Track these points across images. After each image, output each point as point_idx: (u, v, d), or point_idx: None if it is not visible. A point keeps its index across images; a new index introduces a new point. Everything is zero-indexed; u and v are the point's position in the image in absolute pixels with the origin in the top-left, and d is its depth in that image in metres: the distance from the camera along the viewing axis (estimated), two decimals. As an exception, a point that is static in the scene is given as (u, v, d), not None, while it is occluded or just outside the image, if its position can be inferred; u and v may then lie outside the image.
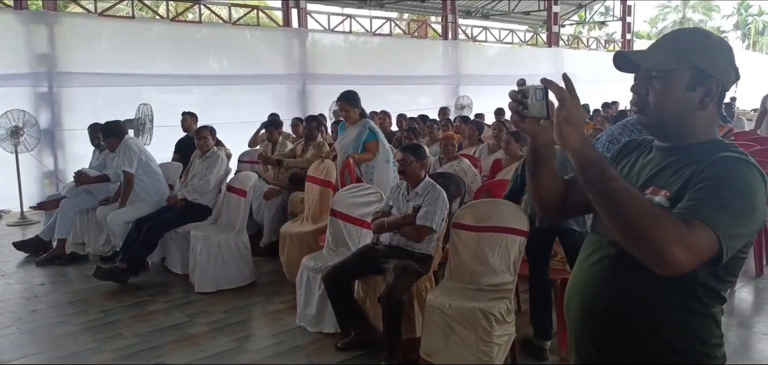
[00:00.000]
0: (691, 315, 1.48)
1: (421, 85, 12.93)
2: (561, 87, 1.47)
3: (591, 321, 1.62)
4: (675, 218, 1.30)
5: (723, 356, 1.53)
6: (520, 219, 3.70)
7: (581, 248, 1.73)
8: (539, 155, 1.63)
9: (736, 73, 1.52)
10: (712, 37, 1.54)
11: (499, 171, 5.76)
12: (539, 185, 1.69)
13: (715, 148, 1.45)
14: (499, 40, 15.62)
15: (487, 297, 3.59)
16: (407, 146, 4.25)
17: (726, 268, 1.40)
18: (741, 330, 4.38)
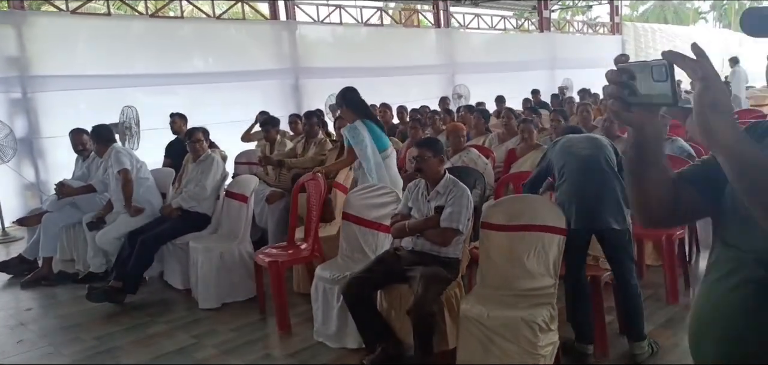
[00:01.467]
0: None
1: (416, 76, 12.56)
2: (699, 61, 1.10)
3: (734, 359, 1.28)
4: None
5: None
6: (557, 216, 3.37)
7: (710, 265, 1.38)
8: (648, 153, 1.26)
9: None
10: None
11: (515, 161, 5.44)
12: (646, 190, 1.31)
13: None
14: (491, 26, 15.29)
15: (527, 304, 3.25)
16: (423, 141, 3.89)
17: None
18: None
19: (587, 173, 3.48)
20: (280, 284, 4.15)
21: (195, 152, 5.15)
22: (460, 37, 13.97)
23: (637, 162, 1.28)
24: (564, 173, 3.53)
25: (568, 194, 3.45)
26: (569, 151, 3.58)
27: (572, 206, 3.40)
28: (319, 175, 4.55)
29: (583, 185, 3.44)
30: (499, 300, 3.32)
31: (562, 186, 3.52)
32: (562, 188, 3.51)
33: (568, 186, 3.48)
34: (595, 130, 6.30)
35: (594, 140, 3.72)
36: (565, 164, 3.54)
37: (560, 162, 3.58)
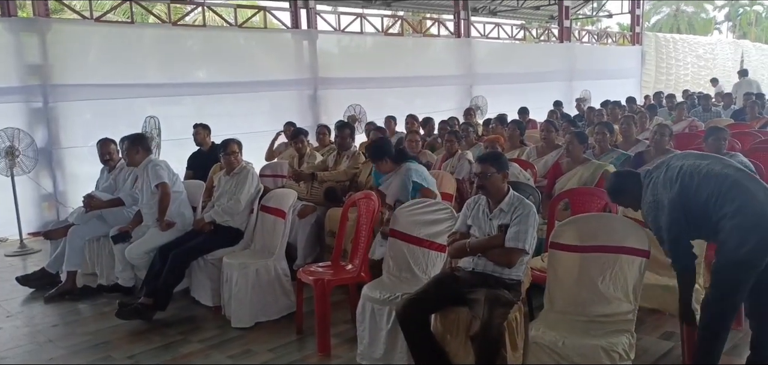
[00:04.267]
0: None
1: (433, 87, 12.33)
2: None
3: None
4: None
5: None
6: (639, 237, 3.13)
7: None
8: None
9: None
10: None
11: (560, 176, 5.20)
12: None
13: None
14: (511, 36, 15.09)
15: (603, 330, 3.03)
16: (486, 156, 3.66)
17: None
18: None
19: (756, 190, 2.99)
20: (325, 303, 3.92)
21: (229, 165, 4.92)
22: (477, 48, 13.75)
23: None
24: (724, 202, 2.97)
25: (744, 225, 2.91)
26: (714, 173, 3.05)
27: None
28: (373, 193, 4.32)
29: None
30: (571, 326, 3.10)
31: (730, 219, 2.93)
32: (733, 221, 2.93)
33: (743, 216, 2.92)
34: (638, 144, 6.09)
35: (712, 156, 3.34)
36: (722, 191, 2.98)
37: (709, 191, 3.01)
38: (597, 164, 5.10)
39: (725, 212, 2.91)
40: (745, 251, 2.86)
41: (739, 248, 2.88)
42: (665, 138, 5.37)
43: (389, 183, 4.76)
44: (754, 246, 2.86)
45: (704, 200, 2.98)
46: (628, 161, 5.51)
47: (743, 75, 14.74)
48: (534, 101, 11.51)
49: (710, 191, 2.97)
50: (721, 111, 10.33)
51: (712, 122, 7.94)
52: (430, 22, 14.05)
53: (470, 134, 6.77)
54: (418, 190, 4.63)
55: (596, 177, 4.96)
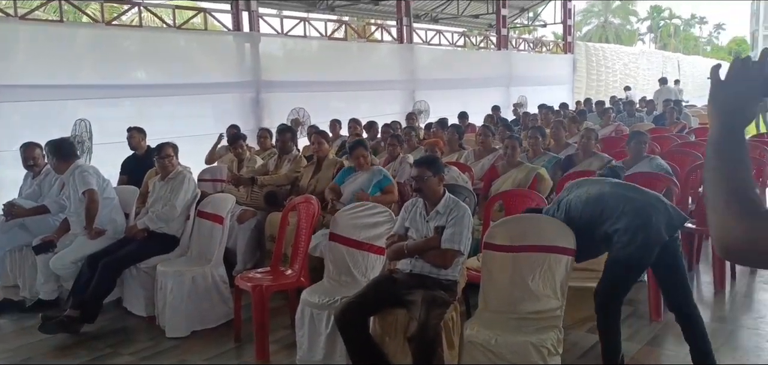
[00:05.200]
0: None
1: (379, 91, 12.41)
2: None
3: None
4: None
5: None
6: (565, 236, 3.24)
7: None
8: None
9: None
10: None
11: (496, 178, 5.33)
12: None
13: None
14: (452, 43, 15.34)
15: (533, 327, 3.12)
16: (422, 160, 3.71)
17: None
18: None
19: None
20: (263, 309, 3.87)
21: (164, 169, 4.81)
22: (420, 53, 13.93)
23: (739, 141, 1.12)
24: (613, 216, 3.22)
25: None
26: (594, 196, 3.33)
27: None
28: (313, 196, 4.32)
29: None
30: (505, 324, 3.17)
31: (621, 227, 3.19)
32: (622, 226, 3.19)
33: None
34: (568, 147, 6.30)
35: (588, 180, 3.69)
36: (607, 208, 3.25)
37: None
38: (530, 166, 5.25)
39: (616, 227, 3.17)
40: (635, 248, 3.13)
41: (628, 245, 3.13)
42: (592, 142, 5.61)
43: (354, 178, 4.89)
44: (641, 244, 3.13)
45: (593, 223, 3.24)
46: (558, 163, 5.71)
47: (663, 83, 15.53)
48: (474, 106, 11.74)
49: (596, 213, 3.24)
50: (644, 116, 10.87)
51: (636, 127, 8.34)
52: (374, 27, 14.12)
53: (412, 137, 6.83)
54: (383, 188, 4.84)
55: (529, 179, 5.11)
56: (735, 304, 4.72)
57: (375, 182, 4.89)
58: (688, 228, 4.94)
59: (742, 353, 3.82)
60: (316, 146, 5.52)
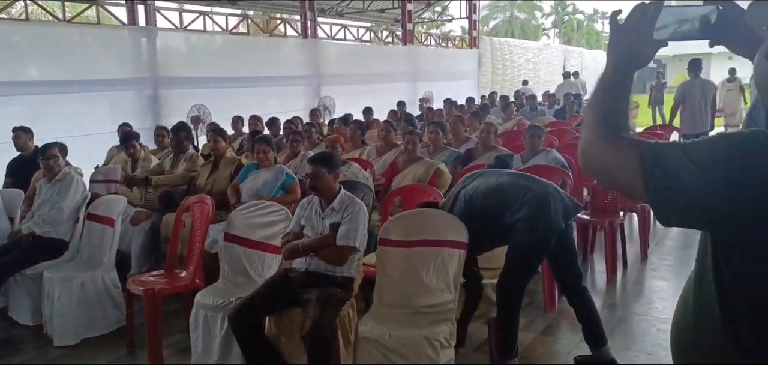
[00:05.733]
0: None
1: (282, 87, 12.25)
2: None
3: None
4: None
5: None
6: (458, 230, 3.35)
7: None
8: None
9: None
10: None
11: (397, 174, 5.42)
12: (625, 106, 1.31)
13: None
14: (357, 38, 15.39)
15: (427, 321, 3.21)
16: (317, 157, 3.72)
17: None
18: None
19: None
20: (156, 314, 3.76)
21: (50, 171, 4.56)
22: (325, 48, 13.90)
23: (626, 84, 1.22)
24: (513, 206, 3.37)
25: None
26: (492, 187, 3.46)
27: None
28: (207, 196, 4.22)
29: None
30: (399, 319, 3.25)
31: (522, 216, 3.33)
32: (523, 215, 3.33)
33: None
34: (469, 142, 6.50)
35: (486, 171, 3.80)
36: (508, 198, 3.39)
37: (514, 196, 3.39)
38: (430, 162, 5.38)
39: (517, 217, 3.31)
40: (536, 236, 3.29)
41: (530, 233, 3.29)
42: (491, 136, 5.81)
43: (256, 176, 4.81)
44: (542, 232, 3.31)
45: (494, 213, 3.36)
46: (459, 158, 5.88)
47: (566, 77, 16.29)
48: (380, 101, 11.83)
49: (496, 204, 3.37)
50: (545, 110, 11.34)
51: (537, 121, 8.68)
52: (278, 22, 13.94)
53: (313, 134, 6.82)
54: (286, 186, 4.79)
55: (429, 174, 5.23)
56: (626, 291, 5.01)
57: (279, 182, 4.81)
58: (582, 219, 5.21)
59: (632, 337, 4.07)
60: (213, 144, 5.40)
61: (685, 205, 1.02)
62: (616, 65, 1.20)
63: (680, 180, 1.01)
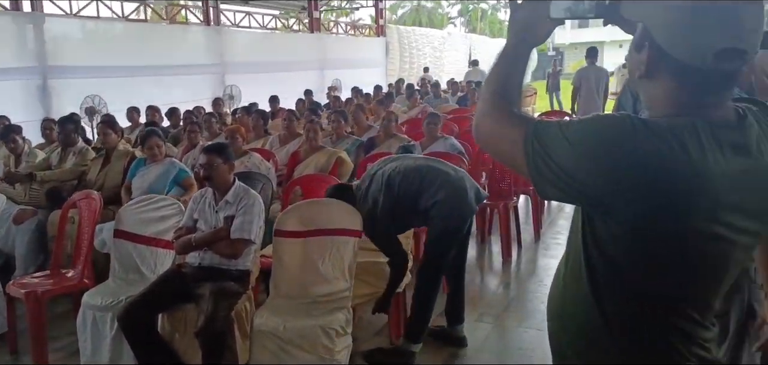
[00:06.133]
0: None
1: (184, 76, 11.82)
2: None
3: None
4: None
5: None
6: (353, 218, 3.38)
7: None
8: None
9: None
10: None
11: (299, 163, 5.38)
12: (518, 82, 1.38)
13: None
14: (263, 26, 15.09)
15: (323, 310, 3.22)
16: (211, 147, 3.63)
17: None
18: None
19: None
20: (40, 317, 3.55)
21: None
22: (230, 36, 13.55)
23: (522, 61, 1.28)
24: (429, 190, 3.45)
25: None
26: (410, 169, 3.51)
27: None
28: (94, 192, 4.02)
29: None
30: (295, 310, 3.24)
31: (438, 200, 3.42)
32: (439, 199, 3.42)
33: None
34: (371, 130, 6.55)
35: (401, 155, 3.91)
36: (425, 182, 3.46)
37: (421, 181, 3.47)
38: (331, 150, 5.38)
39: (436, 200, 3.40)
40: (455, 218, 3.42)
41: (448, 219, 3.39)
42: (392, 124, 5.89)
43: (146, 172, 4.63)
44: (458, 215, 3.43)
45: (412, 194, 3.42)
46: (361, 146, 5.91)
47: (474, 65, 16.73)
48: (288, 90, 11.70)
49: (414, 185, 3.43)
50: (449, 98, 11.60)
51: (440, 108, 8.87)
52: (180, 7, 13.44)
53: (213, 124, 6.65)
54: (181, 181, 4.59)
55: (331, 163, 5.23)
56: (520, 271, 5.23)
57: (171, 177, 4.63)
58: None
59: (524, 313, 4.25)
60: (102, 136, 5.16)
61: (559, 179, 1.09)
62: (513, 42, 1.26)
63: (556, 156, 1.08)
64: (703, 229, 1.07)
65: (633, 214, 1.06)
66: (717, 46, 1.03)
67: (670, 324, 1.15)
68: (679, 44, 1.06)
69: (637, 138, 1.03)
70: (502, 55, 1.27)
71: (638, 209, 1.05)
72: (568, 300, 1.26)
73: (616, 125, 1.06)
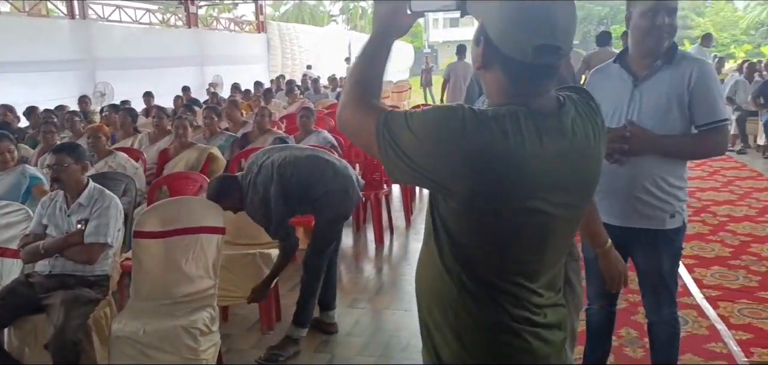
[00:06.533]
0: None
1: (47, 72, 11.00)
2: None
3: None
4: None
5: None
6: (216, 215, 3.31)
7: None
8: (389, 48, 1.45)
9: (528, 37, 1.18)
10: None
11: (168, 161, 5.19)
12: (379, 73, 1.48)
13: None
14: (135, 20, 14.36)
15: (186, 310, 3.14)
16: (61, 146, 3.43)
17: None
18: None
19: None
20: None
21: None
22: (99, 31, 12.79)
23: (383, 52, 1.37)
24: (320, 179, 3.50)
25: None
26: (301, 158, 3.52)
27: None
28: None
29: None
30: (156, 312, 3.13)
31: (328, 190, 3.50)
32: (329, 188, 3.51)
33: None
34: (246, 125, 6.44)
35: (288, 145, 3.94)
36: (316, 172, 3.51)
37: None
38: (202, 147, 5.23)
39: (327, 189, 3.48)
40: (345, 206, 3.58)
41: (341, 204, 3.54)
42: (265, 119, 5.84)
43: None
44: (347, 203, 3.59)
45: (304, 183, 3.44)
46: (236, 142, 5.80)
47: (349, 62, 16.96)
48: (167, 87, 11.25)
49: (306, 175, 3.46)
50: (328, 93, 11.71)
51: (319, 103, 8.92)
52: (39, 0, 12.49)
53: (77, 123, 6.25)
54: (33, 188, 4.17)
55: (202, 161, 5.09)
56: (392, 256, 5.39)
57: (24, 188, 4.18)
58: None
59: (394, 295, 4.39)
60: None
61: (404, 164, 1.19)
62: (375, 35, 1.35)
63: (402, 143, 1.18)
64: (524, 205, 1.19)
65: (465, 193, 1.16)
66: (535, 42, 1.14)
67: (502, 288, 1.26)
68: (505, 40, 1.17)
69: (465, 127, 1.13)
70: (365, 48, 1.35)
71: (468, 188, 1.15)
72: (425, 276, 1.36)
73: (449, 115, 1.15)
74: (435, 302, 1.33)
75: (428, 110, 1.20)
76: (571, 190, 1.25)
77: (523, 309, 1.28)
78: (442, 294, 1.30)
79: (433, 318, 1.34)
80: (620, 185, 2.27)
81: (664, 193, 2.28)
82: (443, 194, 1.22)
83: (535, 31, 1.15)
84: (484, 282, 1.26)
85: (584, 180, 1.29)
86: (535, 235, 1.25)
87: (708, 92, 2.21)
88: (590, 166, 1.30)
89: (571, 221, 1.33)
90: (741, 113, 8.99)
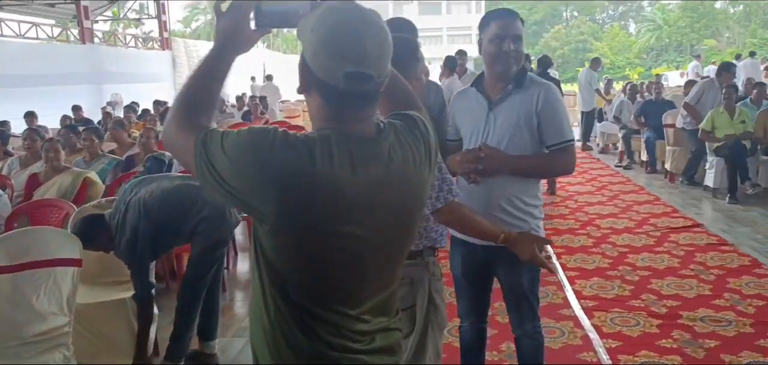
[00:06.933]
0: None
1: None
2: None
3: None
4: None
5: None
6: (72, 246, 3.07)
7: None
8: (229, 64, 1.41)
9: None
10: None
11: (38, 188, 4.84)
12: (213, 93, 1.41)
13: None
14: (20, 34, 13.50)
15: (37, 350, 2.89)
16: None
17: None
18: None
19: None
20: None
21: None
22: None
23: (223, 68, 1.31)
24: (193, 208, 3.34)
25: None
26: (171, 189, 3.34)
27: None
28: None
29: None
30: (2, 355, 2.85)
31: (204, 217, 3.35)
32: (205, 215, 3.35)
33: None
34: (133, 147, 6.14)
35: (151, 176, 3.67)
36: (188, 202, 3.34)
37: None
38: (77, 171, 4.93)
39: (201, 216, 3.32)
40: (221, 231, 3.44)
41: (217, 229, 3.39)
42: (151, 140, 5.56)
43: None
44: (225, 228, 3.47)
45: (176, 217, 3.29)
46: (120, 165, 5.52)
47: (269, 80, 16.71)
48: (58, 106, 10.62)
49: (176, 207, 3.30)
50: (235, 112, 11.51)
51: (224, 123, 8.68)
52: None
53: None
54: None
55: (77, 186, 4.79)
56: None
57: None
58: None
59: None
60: None
61: (217, 184, 1.17)
62: (216, 49, 1.30)
63: (216, 163, 1.16)
64: (336, 229, 1.18)
65: (272, 216, 1.15)
66: (344, 69, 1.14)
67: (320, 316, 1.23)
68: (318, 65, 1.17)
69: (273, 149, 1.12)
70: (203, 62, 1.31)
71: (275, 210, 1.14)
72: (253, 300, 1.33)
73: (260, 137, 1.15)
74: (257, 327, 1.30)
75: (242, 131, 1.18)
76: (387, 216, 1.24)
77: (343, 338, 1.25)
78: (262, 319, 1.27)
79: (257, 342, 1.31)
80: (478, 204, 2.29)
81: (519, 211, 2.34)
82: (255, 216, 1.20)
83: (344, 59, 1.15)
84: (301, 309, 1.23)
85: (402, 206, 1.28)
86: (352, 260, 1.23)
87: (554, 113, 2.30)
88: (410, 191, 1.29)
89: (393, 245, 1.31)
90: (626, 131, 9.47)
